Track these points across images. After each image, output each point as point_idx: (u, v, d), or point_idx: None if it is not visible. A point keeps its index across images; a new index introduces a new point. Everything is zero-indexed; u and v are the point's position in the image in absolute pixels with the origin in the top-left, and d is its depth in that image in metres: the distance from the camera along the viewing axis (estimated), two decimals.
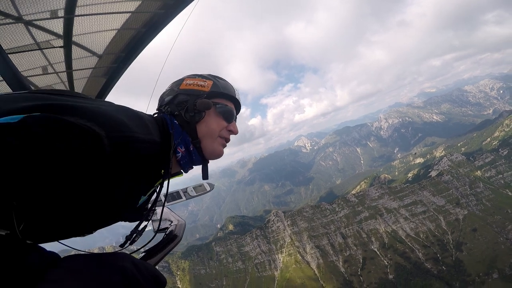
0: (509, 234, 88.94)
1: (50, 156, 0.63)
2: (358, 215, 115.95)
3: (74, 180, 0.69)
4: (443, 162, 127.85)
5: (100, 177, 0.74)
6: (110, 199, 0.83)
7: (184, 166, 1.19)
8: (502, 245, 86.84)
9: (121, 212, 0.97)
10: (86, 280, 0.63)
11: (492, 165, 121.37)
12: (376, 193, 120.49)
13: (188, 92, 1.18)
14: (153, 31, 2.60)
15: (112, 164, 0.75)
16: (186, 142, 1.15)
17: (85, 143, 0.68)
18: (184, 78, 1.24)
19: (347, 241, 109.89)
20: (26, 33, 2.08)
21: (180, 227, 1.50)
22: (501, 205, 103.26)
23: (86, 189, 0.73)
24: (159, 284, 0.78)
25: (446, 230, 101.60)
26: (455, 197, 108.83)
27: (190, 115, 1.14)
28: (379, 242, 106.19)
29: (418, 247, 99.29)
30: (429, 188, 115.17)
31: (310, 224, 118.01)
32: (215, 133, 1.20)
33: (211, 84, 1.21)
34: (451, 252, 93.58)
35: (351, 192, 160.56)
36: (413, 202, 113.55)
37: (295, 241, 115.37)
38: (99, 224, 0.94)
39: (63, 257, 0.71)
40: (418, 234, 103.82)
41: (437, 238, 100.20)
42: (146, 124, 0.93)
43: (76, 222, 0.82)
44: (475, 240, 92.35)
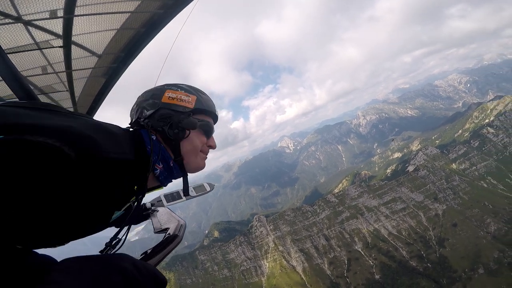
0: (489, 228, 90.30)
1: (16, 178, 0.62)
2: (340, 216, 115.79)
3: (43, 201, 0.67)
4: (419, 156, 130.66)
5: (64, 195, 0.71)
6: (78, 216, 0.80)
7: (163, 181, 1.17)
8: (484, 239, 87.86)
9: (92, 226, 0.94)
10: (86, 281, 0.62)
11: (465, 157, 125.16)
12: (356, 192, 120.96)
13: (171, 107, 1.14)
14: (152, 31, 2.62)
15: (78, 182, 0.73)
16: (165, 158, 1.13)
17: (54, 163, 0.67)
18: (164, 90, 1.17)
19: (330, 242, 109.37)
20: (25, 33, 2.11)
21: (180, 227, 1.48)
22: (477, 197, 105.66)
23: (49, 206, 0.70)
24: (160, 285, 0.77)
25: (427, 226, 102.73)
26: (432, 192, 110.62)
27: (174, 132, 1.12)
28: (362, 242, 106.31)
29: (401, 245, 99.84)
30: (407, 184, 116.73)
31: (292, 228, 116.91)
32: (198, 149, 1.20)
33: (195, 100, 1.19)
34: (435, 248, 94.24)
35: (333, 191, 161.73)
36: (392, 199, 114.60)
37: (279, 245, 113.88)
38: (68, 237, 0.91)
39: (62, 260, 0.71)
40: (400, 231, 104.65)
41: (419, 235, 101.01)
42: (119, 141, 0.91)
43: (43, 235, 0.78)
44: (457, 235, 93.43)
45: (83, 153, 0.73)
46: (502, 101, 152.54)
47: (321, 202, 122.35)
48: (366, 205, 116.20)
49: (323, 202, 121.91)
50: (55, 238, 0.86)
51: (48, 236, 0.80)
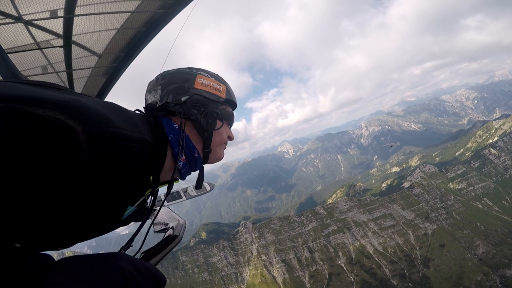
0: (477, 250, 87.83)
1: (11, 158, 0.52)
2: (326, 228, 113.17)
3: (40, 184, 0.56)
4: (416, 173, 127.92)
5: (73, 181, 0.61)
6: (89, 210, 0.70)
7: (184, 174, 1.08)
8: (470, 261, 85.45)
9: (104, 225, 0.85)
10: (85, 281, 0.59)
11: (463, 177, 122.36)
12: (346, 205, 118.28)
13: (205, 94, 1.06)
14: (152, 31, 2.64)
15: (91, 165, 0.63)
16: (189, 149, 1.05)
17: (55, 139, 0.57)
18: (195, 74, 1.09)
19: (314, 255, 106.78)
20: (25, 32, 2.13)
21: (180, 226, 1.47)
22: (470, 218, 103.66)
23: (56, 196, 0.60)
24: (159, 284, 0.74)
25: (414, 245, 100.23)
26: (424, 211, 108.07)
27: (208, 122, 1.05)
28: (346, 257, 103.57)
29: (385, 263, 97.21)
30: (399, 201, 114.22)
31: (277, 237, 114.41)
32: (224, 141, 1.16)
33: (225, 90, 1.14)
34: (419, 268, 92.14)
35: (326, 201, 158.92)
36: (382, 216, 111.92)
37: (262, 254, 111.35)
38: (78, 238, 0.83)
39: (60, 259, 0.66)
40: (386, 249, 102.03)
41: (405, 253, 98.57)
42: (135, 121, 0.82)
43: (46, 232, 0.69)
44: (443, 256, 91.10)
45: (94, 130, 0.64)
46: (508, 120, 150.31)
47: (309, 214, 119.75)
48: (355, 220, 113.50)
49: (311, 214, 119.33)
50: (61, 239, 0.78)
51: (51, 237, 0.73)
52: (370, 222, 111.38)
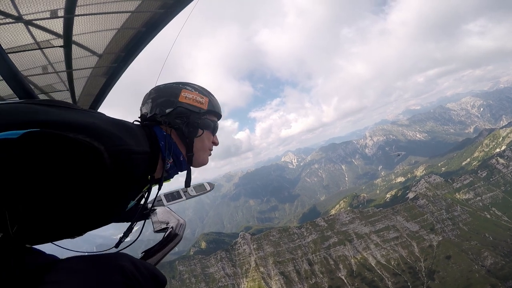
0: (485, 261, 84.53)
1: (49, 172, 0.66)
2: (327, 241, 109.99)
3: (73, 194, 0.73)
4: (421, 184, 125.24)
5: (99, 189, 0.78)
6: (104, 207, 0.86)
7: (172, 174, 1.28)
8: (477, 273, 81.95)
9: (112, 216, 1.00)
10: (85, 280, 0.63)
11: (470, 187, 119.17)
12: (347, 217, 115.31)
13: (188, 106, 1.23)
14: (153, 31, 2.65)
15: (112, 176, 0.79)
16: (176, 154, 1.22)
17: (87, 159, 0.72)
18: (180, 89, 1.26)
19: (313, 268, 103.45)
20: (26, 32, 2.14)
21: (180, 226, 1.52)
22: (478, 228, 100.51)
23: (83, 200, 0.77)
24: (159, 284, 0.78)
25: (419, 257, 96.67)
26: (429, 223, 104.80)
27: (189, 130, 1.21)
28: (347, 269, 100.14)
29: (387, 275, 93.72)
30: (403, 213, 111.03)
31: (276, 249, 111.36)
32: (207, 147, 1.32)
33: (207, 102, 1.30)
34: (423, 280, 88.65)
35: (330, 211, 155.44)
36: (385, 228, 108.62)
37: (260, 266, 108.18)
38: (89, 227, 0.97)
39: (60, 259, 0.73)
40: (389, 261, 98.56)
41: (408, 265, 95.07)
42: (137, 135, 0.99)
43: (67, 226, 0.85)
44: (449, 268, 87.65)
45: (112, 149, 0.79)
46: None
47: (309, 225, 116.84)
48: (357, 232, 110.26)
49: (311, 226, 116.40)
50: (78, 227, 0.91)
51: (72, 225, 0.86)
52: (373, 234, 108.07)
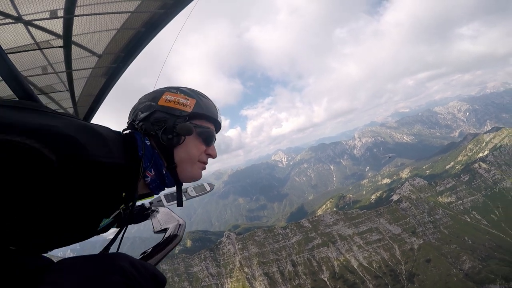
0: (463, 265, 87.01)
1: None
2: (311, 242, 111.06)
3: (23, 205, 0.65)
4: (405, 186, 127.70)
5: (43, 200, 0.68)
6: (60, 224, 0.77)
7: (154, 189, 1.09)
8: (455, 277, 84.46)
9: (77, 235, 0.91)
10: (84, 280, 0.61)
11: (452, 190, 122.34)
12: (331, 218, 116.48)
13: (167, 110, 1.06)
14: (152, 31, 2.65)
15: (59, 186, 0.69)
16: (157, 165, 1.06)
17: (33, 166, 0.64)
18: (163, 91, 1.10)
19: (297, 269, 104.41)
20: (26, 33, 2.12)
21: (180, 227, 1.47)
22: (458, 232, 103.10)
23: (37, 213, 0.69)
24: (159, 284, 0.75)
25: (400, 260, 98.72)
26: (411, 226, 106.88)
27: (167, 138, 1.04)
28: (329, 271, 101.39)
29: (369, 278, 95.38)
30: (386, 215, 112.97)
31: (261, 250, 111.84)
32: (194, 158, 1.11)
33: (193, 104, 1.10)
34: (403, 283, 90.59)
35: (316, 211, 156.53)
36: (368, 230, 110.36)
37: (245, 266, 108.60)
38: (51, 246, 0.89)
39: (60, 260, 0.69)
40: (371, 263, 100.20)
41: (390, 268, 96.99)
42: (107, 144, 0.85)
43: (29, 240, 0.76)
44: (428, 271, 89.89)
45: (64, 155, 0.69)
46: (498, 134, 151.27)
47: (294, 226, 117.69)
48: (340, 233, 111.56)
49: (296, 227, 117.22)
50: (39, 245, 0.83)
51: (30, 243, 0.78)
52: (356, 236, 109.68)
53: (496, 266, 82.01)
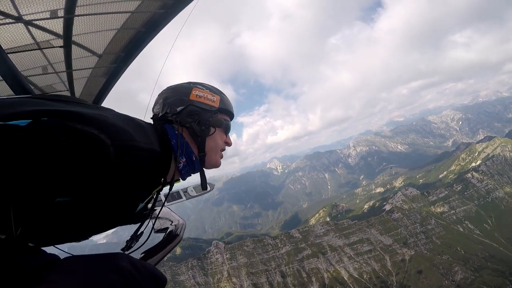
0: (455, 276, 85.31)
1: (56, 161, 0.64)
2: (300, 253, 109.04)
3: (78, 186, 0.71)
4: (397, 196, 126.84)
5: (103, 184, 0.75)
6: (110, 206, 0.84)
7: (184, 175, 1.22)
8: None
9: (119, 218, 0.98)
10: (83, 280, 0.62)
11: (445, 200, 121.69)
12: (322, 229, 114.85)
13: (199, 105, 1.20)
14: (152, 31, 2.66)
15: (115, 172, 0.76)
16: (188, 153, 1.18)
17: (93, 151, 0.70)
18: (191, 87, 1.23)
19: (286, 280, 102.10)
20: (26, 32, 2.15)
21: (180, 227, 1.50)
22: (451, 242, 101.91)
23: (87, 195, 0.75)
24: (159, 284, 0.77)
25: (391, 271, 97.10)
26: (403, 236, 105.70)
27: (201, 129, 1.18)
28: (319, 282, 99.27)
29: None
30: (378, 226, 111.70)
31: (249, 260, 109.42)
32: (219, 147, 1.28)
33: (219, 100, 1.26)
34: None
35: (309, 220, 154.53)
36: (359, 240, 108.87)
37: (233, 276, 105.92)
38: (95, 230, 0.94)
39: (62, 258, 0.72)
40: (362, 274, 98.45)
41: (380, 279, 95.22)
42: (146, 133, 0.94)
43: (73, 227, 0.83)
44: (419, 282, 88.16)
45: (117, 140, 0.75)
46: (491, 143, 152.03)
47: (283, 237, 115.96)
48: (331, 244, 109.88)
49: (286, 237, 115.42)
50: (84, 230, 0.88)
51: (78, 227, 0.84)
52: (346, 247, 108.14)
53: (489, 277, 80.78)
